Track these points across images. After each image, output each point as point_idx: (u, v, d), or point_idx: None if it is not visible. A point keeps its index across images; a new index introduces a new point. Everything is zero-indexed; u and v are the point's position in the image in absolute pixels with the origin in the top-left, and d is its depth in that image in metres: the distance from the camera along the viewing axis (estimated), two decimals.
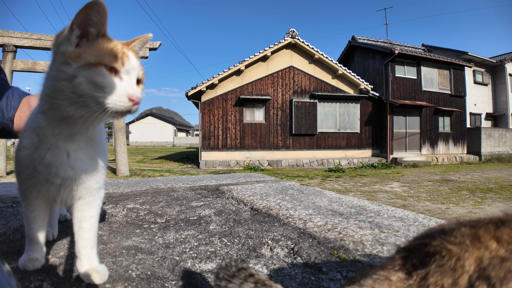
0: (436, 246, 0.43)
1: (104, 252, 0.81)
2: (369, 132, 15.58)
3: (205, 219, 1.15)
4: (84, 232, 0.63)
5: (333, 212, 1.30)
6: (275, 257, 0.82)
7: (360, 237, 0.99)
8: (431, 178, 10.12)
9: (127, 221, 1.11)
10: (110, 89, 0.53)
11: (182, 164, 14.05)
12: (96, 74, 0.52)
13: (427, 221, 1.23)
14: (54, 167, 0.59)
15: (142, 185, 1.86)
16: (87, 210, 0.63)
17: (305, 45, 13.77)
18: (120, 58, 0.54)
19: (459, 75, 17.78)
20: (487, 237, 0.42)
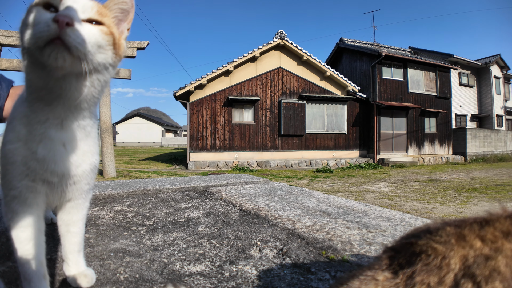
0: (422, 245, 0.44)
1: (92, 255, 0.79)
2: (356, 133, 15.77)
3: (193, 221, 1.14)
4: (72, 237, 0.61)
5: (321, 212, 1.31)
6: (264, 258, 0.82)
7: (348, 237, 1.00)
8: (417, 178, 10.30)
9: (115, 224, 1.10)
10: (39, 21, 0.45)
11: (170, 165, 13.92)
12: (32, 16, 0.46)
13: (414, 220, 1.25)
14: (51, 162, 0.51)
15: (130, 187, 1.83)
16: (75, 213, 0.60)
17: (294, 47, 13.85)
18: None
19: (445, 77, 18.17)
20: (472, 236, 0.43)
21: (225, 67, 13.17)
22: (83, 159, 0.55)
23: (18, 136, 0.50)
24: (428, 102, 17.52)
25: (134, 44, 8.63)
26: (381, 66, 16.04)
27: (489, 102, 22.07)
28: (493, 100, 21.94)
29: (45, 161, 0.51)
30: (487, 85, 22.09)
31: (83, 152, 0.55)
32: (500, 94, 22.94)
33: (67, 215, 0.60)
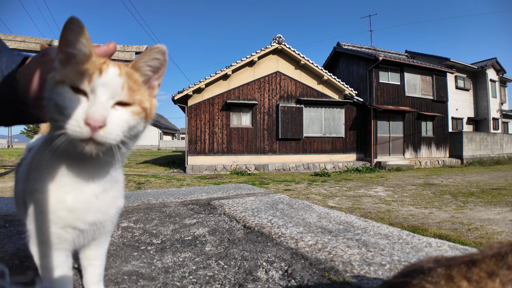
0: (415, 285, 0.49)
1: (106, 278, 0.84)
2: (353, 136, 15.87)
3: (200, 239, 1.18)
4: (94, 269, 0.65)
5: (322, 229, 1.36)
6: (271, 280, 0.87)
7: (349, 257, 1.05)
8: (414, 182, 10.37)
9: (124, 243, 1.14)
10: (69, 110, 0.45)
11: (168, 169, 13.93)
12: (58, 94, 0.46)
13: (410, 238, 1.30)
14: (82, 213, 0.54)
15: (133, 200, 1.87)
16: (99, 249, 0.65)
17: (291, 51, 13.94)
18: (88, 75, 0.47)
19: (441, 81, 18.34)
20: (459, 277, 0.48)
21: (223, 71, 13.22)
22: (111, 205, 0.58)
23: (46, 186, 0.52)
24: (425, 106, 17.68)
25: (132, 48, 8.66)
26: (378, 70, 16.18)
27: (485, 105, 22.27)
28: (489, 103, 22.13)
29: (77, 211, 0.53)
30: (483, 89, 22.29)
31: (112, 199, 0.58)
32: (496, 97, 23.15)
33: (90, 251, 0.64)
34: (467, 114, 21.99)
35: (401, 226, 5.01)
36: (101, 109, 0.45)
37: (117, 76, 0.48)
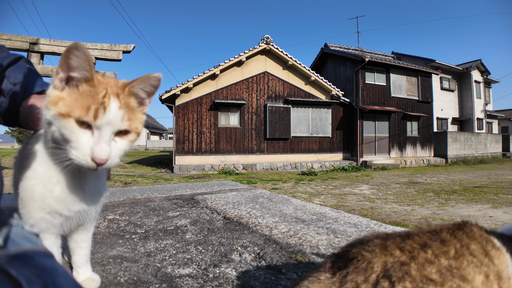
0: (355, 253, 0.59)
1: (93, 261, 0.92)
2: (340, 136, 16.11)
3: (181, 228, 1.27)
4: (82, 250, 0.73)
5: (296, 219, 1.46)
6: (243, 261, 0.96)
7: (317, 242, 1.15)
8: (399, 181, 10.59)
9: (110, 232, 1.22)
10: (76, 144, 0.51)
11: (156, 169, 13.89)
12: (64, 127, 0.50)
13: (378, 227, 1.41)
14: (69, 203, 0.60)
15: (119, 196, 1.94)
16: (85, 233, 0.73)
17: (279, 52, 14.07)
18: (93, 110, 0.51)
19: (426, 82, 18.74)
20: (393, 246, 0.58)
21: (211, 70, 13.26)
22: (95, 196, 0.65)
23: (36, 175, 0.58)
24: (410, 106, 18.04)
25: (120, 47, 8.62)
26: (364, 71, 16.45)
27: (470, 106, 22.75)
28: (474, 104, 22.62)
29: (64, 201, 0.59)
30: (468, 89, 22.77)
31: (97, 190, 0.65)
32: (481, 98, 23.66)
33: (78, 235, 0.72)
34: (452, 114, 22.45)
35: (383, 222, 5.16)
36: (106, 148, 0.51)
37: (117, 110, 0.53)
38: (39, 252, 0.42)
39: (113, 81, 0.57)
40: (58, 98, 0.51)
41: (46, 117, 0.52)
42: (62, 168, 0.57)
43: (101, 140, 0.51)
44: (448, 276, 0.53)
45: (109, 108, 0.51)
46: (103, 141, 0.51)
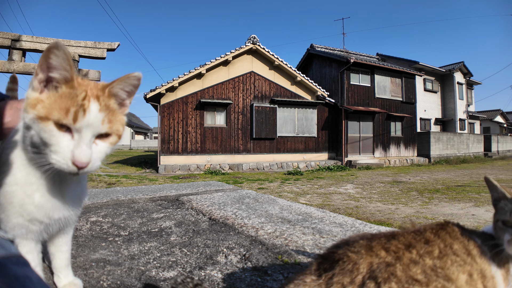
0: (340, 254, 0.59)
1: (75, 265, 0.90)
2: (325, 136, 16.28)
3: (166, 230, 1.26)
4: (62, 254, 0.71)
5: (282, 219, 1.47)
6: (229, 263, 0.96)
7: (303, 242, 1.16)
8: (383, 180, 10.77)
9: (92, 235, 1.19)
10: (56, 147, 0.49)
11: (140, 169, 13.69)
12: (43, 130, 0.49)
13: (363, 226, 1.43)
14: (49, 210, 0.58)
15: (102, 197, 1.90)
16: (65, 237, 0.71)
17: (266, 52, 14.09)
18: (72, 113, 0.49)
19: (410, 83, 19.12)
20: (378, 247, 0.58)
21: (197, 69, 13.16)
22: (76, 201, 0.64)
23: (16, 181, 0.56)
24: (394, 107, 18.39)
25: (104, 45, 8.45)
26: (349, 72, 16.67)
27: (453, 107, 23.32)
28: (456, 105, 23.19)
29: (43, 208, 0.58)
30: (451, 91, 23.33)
31: (77, 196, 0.64)
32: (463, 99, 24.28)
33: (57, 239, 0.70)
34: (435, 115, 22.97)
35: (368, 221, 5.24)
36: (87, 151, 0.50)
37: (98, 113, 0.51)
38: (12, 259, 0.39)
39: (93, 83, 0.55)
40: (37, 100, 0.49)
41: (25, 121, 0.50)
42: (42, 173, 0.55)
43: (82, 143, 0.50)
44: (433, 276, 0.53)
45: (89, 110, 0.50)
46: (84, 144, 0.50)
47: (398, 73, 18.65)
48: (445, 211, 5.97)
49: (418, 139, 19.27)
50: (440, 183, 9.76)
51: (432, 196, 7.63)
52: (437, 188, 8.70)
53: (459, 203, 6.66)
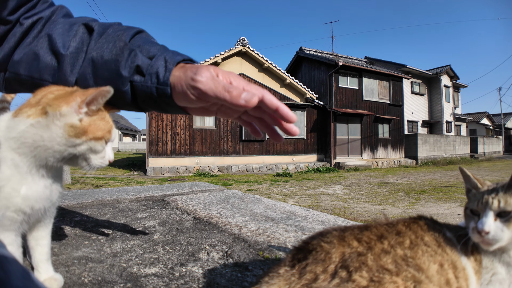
0: (314, 244, 0.61)
1: (57, 262, 0.90)
2: (314, 138, 16.41)
3: (149, 229, 1.27)
4: (41, 248, 0.72)
5: (266, 218, 1.49)
6: (211, 260, 0.98)
7: (285, 239, 1.19)
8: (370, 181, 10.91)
9: (76, 234, 1.19)
10: (102, 154, 0.65)
11: (128, 171, 13.55)
12: (99, 145, 0.63)
13: (346, 223, 1.46)
14: (33, 201, 0.62)
15: (88, 197, 1.90)
16: (44, 230, 0.72)
17: (255, 54, 14.16)
18: (111, 131, 0.67)
19: (397, 86, 19.45)
20: (351, 237, 0.61)
21: None
22: (56, 193, 0.68)
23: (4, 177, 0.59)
24: (382, 109, 18.69)
25: None
26: (337, 75, 16.88)
27: (439, 109, 23.81)
28: (443, 107, 23.68)
29: (29, 199, 0.61)
30: (438, 94, 23.82)
31: (56, 188, 0.68)
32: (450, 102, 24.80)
33: (37, 232, 0.72)
34: (422, 117, 23.40)
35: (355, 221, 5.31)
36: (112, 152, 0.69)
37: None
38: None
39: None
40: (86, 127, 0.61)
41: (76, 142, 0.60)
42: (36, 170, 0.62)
43: (111, 147, 0.69)
44: (403, 265, 0.55)
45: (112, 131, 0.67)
46: (111, 148, 0.69)
47: (386, 76, 18.95)
48: (432, 211, 6.10)
49: (405, 141, 19.57)
50: (427, 184, 9.96)
51: (419, 196, 7.79)
52: (424, 189, 8.87)
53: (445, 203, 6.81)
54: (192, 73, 0.60)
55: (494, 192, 0.61)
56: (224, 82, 0.60)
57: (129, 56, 0.64)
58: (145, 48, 0.66)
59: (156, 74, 0.63)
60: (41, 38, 0.67)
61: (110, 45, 0.65)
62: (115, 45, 0.65)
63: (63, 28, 0.68)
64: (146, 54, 0.65)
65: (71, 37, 0.66)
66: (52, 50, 0.65)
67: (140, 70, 0.64)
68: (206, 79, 0.59)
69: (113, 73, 0.64)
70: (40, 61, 0.65)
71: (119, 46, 0.65)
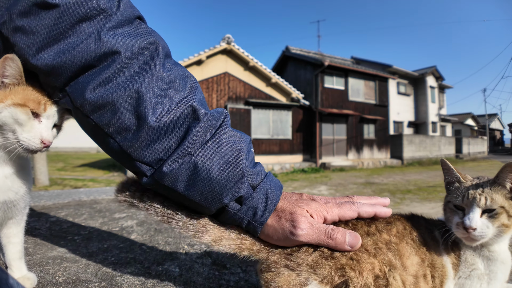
0: None
1: (31, 262, 0.89)
2: (300, 138, 16.49)
3: (127, 229, 1.26)
4: (13, 246, 0.72)
5: None
6: (188, 259, 0.98)
7: None
8: (356, 181, 11.04)
9: (51, 234, 1.18)
10: (28, 128, 0.60)
11: (108, 172, 13.31)
12: (20, 113, 0.59)
13: None
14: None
15: (64, 197, 1.87)
16: (15, 227, 0.71)
17: (241, 52, 14.10)
18: (43, 104, 0.62)
19: (383, 86, 19.69)
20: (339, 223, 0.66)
21: None
22: (21, 185, 0.67)
23: None
24: (367, 110, 18.93)
25: None
26: (323, 75, 16.99)
27: (425, 110, 24.22)
28: (428, 108, 24.10)
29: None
30: (423, 94, 24.22)
31: (21, 181, 0.67)
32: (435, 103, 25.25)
33: (8, 229, 0.71)
34: (407, 118, 23.75)
35: None
36: (51, 133, 0.65)
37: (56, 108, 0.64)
38: None
39: None
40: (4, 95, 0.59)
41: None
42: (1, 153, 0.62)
43: (49, 127, 0.64)
44: (383, 249, 0.58)
45: (52, 105, 0.63)
46: (49, 128, 0.64)
47: (372, 77, 19.18)
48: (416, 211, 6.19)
49: (391, 141, 19.82)
50: (412, 184, 10.13)
51: (404, 196, 7.92)
52: (409, 189, 9.03)
53: (429, 203, 6.95)
54: (290, 226, 0.58)
55: (480, 188, 0.62)
56: (323, 228, 0.58)
57: (238, 183, 0.58)
58: (251, 173, 0.60)
59: (254, 209, 0.59)
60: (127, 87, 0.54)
61: (221, 160, 0.57)
62: (229, 165, 0.57)
63: (159, 87, 0.56)
64: (251, 181, 0.60)
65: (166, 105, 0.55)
66: (136, 111, 0.54)
67: (240, 200, 0.59)
68: (307, 231, 0.57)
69: (213, 194, 0.57)
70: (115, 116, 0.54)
71: (233, 172, 0.57)
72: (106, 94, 0.53)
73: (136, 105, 0.54)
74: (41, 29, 0.51)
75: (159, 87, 0.55)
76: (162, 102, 0.55)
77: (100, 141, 0.59)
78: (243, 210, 0.59)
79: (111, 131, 0.55)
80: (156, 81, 0.55)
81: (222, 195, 0.57)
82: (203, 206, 0.58)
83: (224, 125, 0.60)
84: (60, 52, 0.51)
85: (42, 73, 0.54)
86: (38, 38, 0.51)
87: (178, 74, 0.59)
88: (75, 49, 0.51)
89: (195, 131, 0.56)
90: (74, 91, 0.54)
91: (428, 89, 24.18)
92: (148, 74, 0.55)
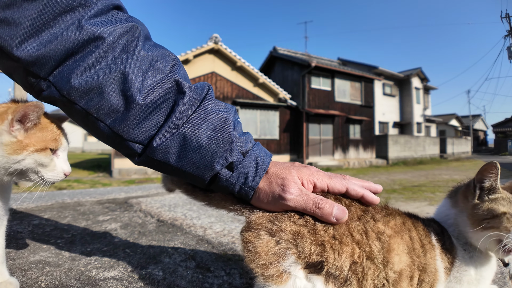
0: None
1: (14, 267, 0.88)
2: (287, 138, 16.58)
3: (110, 232, 1.26)
4: None
5: (233, 218, 1.52)
6: (172, 263, 0.99)
7: None
8: None
9: (34, 237, 1.16)
10: (51, 167, 0.67)
11: (93, 173, 13.08)
12: (43, 157, 0.64)
13: None
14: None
15: (47, 199, 1.84)
16: None
17: (228, 52, 14.07)
18: (59, 139, 0.68)
19: (369, 87, 19.96)
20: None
21: None
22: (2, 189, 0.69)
23: None
24: (353, 110, 19.17)
25: None
26: (310, 75, 17.13)
27: (410, 111, 24.61)
28: (413, 108, 24.50)
29: None
30: (409, 95, 24.62)
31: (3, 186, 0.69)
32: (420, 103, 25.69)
33: None
34: (393, 118, 24.12)
35: None
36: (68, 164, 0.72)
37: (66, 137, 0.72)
38: None
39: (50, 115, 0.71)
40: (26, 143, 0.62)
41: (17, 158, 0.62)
42: None
43: (65, 158, 0.71)
44: (372, 238, 0.57)
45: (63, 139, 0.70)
46: (66, 159, 0.71)
47: (358, 78, 19.43)
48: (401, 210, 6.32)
49: (376, 141, 20.10)
50: (397, 184, 10.28)
51: (389, 196, 8.01)
52: (394, 188, 9.16)
53: (414, 202, 7.05)
54: (280, 189, 0.60)
55: None
56: (313, 196, 0.59)
57: (227, 149, 0.59)
58: (240, 141, 0.63)
59: (245, 175, 0.61)
60: (112, 70, 0.55)
61: (209, 129, 0.58)
62: (217, 133, 0.59)
63: (142, 66, 0.57)
64: (241, 148, 0.62)
65: (151, 83, 0.57)
66: (123, 91, 0.55)
67: (231, 166, 0.61)
68: (296, 196, 0.59)
69: (205, 162, 0.58)
70: (103, 99, 0.55)
71: (222, 138, 0.59)
72: (92, 78, 0.54)
73: (122, 85, 0.55)
74: (25, 21, 0.50)
75: (143, 67, 0.57)
76: (146, 80, 0.57)
77: (91, 127, 0.59)
78: (234, 176, 0.61)
79: (101, 115, 0.56)
80: (139, 61, 0.57)
81: (214, 162, 0.59)
82: (196, 176, 0.60)
83: (209, 96, 0.62)
84: (44, 42, 0.52)
85: (26, 64, 0.53)
86: (21, 30, 0.51)
87: (159, 53, 0.60)
88: (58, 38, 0.52)
89: (181, 104, 0.58)
90: (59, 80, 0.54)
91: (413, 90, 24.63)
92: (130, 55, 0.57)
